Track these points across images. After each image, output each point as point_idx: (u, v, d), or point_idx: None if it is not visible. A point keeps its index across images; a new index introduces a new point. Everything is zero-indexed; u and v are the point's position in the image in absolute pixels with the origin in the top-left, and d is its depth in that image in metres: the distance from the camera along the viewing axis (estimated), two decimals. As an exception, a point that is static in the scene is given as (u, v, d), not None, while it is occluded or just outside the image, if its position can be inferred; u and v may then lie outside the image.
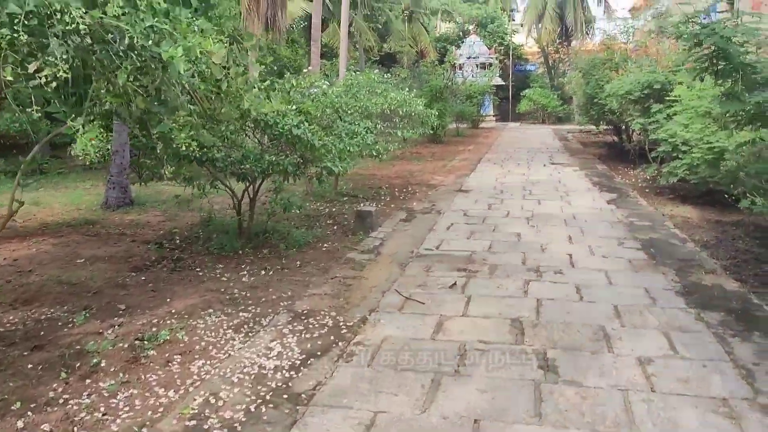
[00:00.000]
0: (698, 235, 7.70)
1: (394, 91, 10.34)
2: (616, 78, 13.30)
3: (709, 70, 5.47)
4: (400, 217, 8.92)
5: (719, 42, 5.02)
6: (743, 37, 5.12)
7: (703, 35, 5.07)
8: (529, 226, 8.17)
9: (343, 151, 6.87)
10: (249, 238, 7.18)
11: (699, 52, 5.46)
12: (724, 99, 5.37)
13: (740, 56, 5.11)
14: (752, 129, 5.74)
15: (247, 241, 7.08)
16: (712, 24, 5.18)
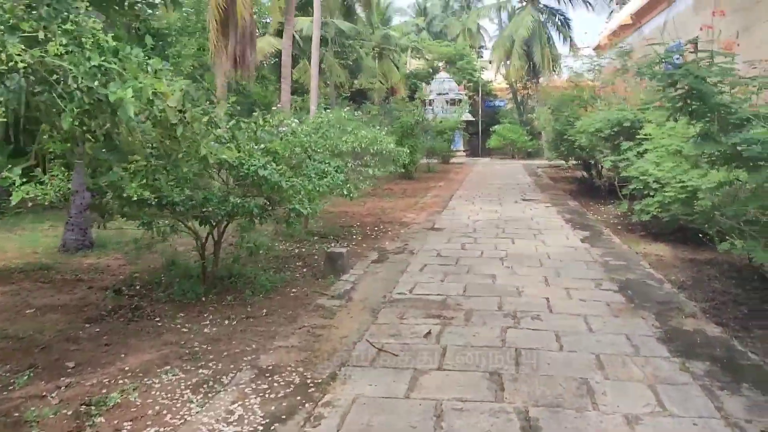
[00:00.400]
0: (674, 275, 7.58)
1: (364, 129, 10.16)
2: (586, 115, 13.36)
3: (683, 110, 5.39)
4: (372, 258, 8.66)
5: (694, 82, 4.93)
6: (717, 77, 5.05)
7: (678, 75, 4.99)
8: (504, 267, 7.97)
9: (312, 191, 6.62)
10: (213, 283, 6.84)
11: (673, 92, 5.38)
12: (699, 140, 5.28)
13: (715, 96, 5.03)
14: (728, 170, 5.65)
15: (212, 287, 6.74)
16: (686, 64, 5.11)
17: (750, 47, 10.97)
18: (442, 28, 55.13)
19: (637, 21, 19.74)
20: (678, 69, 5.06)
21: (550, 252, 8.87)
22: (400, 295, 6.66)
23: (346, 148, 9.36)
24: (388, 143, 9.81)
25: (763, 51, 10.35)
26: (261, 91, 21.02)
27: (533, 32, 34.52)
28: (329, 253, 7.63)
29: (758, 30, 11.06)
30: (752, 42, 11.06)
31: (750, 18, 11.28)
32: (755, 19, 11.11)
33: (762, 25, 10.81)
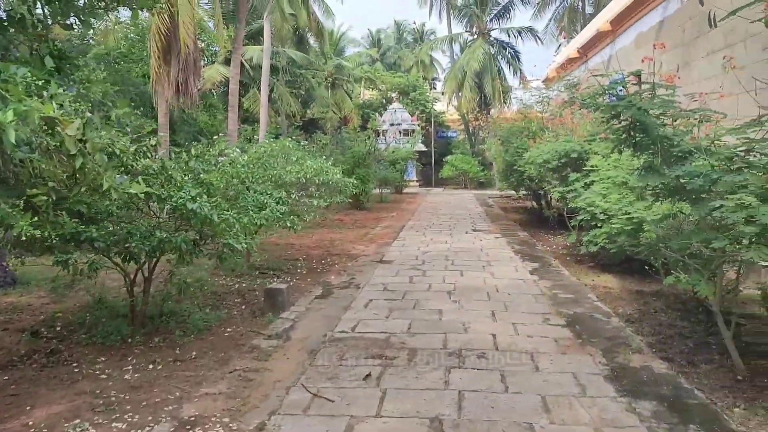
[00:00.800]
0: (621, 307, 7.49)
1: (310, 159, 9.91)
2: (534, 146, 13.43)
3: (626, 143, 5.31)
4: (316, 293, 8.33)
5: (637, 114, 4.86)
6: (660, 109, 4.99)
7: (621, 107, 4.90)
8: (451, 301, 7.75)
9: (248, 225, 6.29)
10: (143, 323, 6.40)
11: (616, 124, 5.30)
12: (643, 172, 5.19)
13: (657, 129, 4.96)
14: (671, 202, 5.58)
15: (141, 327, 6.31)
16: (629, 96, 5.04)
17: (689, 82, 11.22)
18: (396, 59, 55.81)
19: (583, 54, 20.19)
20: (621, 101, 4.98)
21: (498, 285, 8.71)
22: (342, 333, 6.35)
23: (290, 179, 9.07)
24: (334, 174, 9.57)
25: (701, 85, 10.58)
26: (208, 119, 20.60)
27: (484, 65, 35.09)
28: (268, 290, 7.28)
29: (697, 65, 11.33)
30: (692, 77, 11.31)
31: (690, 54, 11.56)
32: (694, 55, 11.38)
33: (700, 60, 11.07)
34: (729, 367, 5.28)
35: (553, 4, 38.93)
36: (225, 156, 8.09)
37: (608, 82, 5.23)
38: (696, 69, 11.26)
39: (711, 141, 4.93)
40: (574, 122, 12.90)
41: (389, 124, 35.85)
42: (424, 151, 37.27)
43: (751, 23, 9.49)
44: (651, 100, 4.97)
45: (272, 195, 7.91)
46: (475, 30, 38.14)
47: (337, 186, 9.93)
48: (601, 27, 17.06)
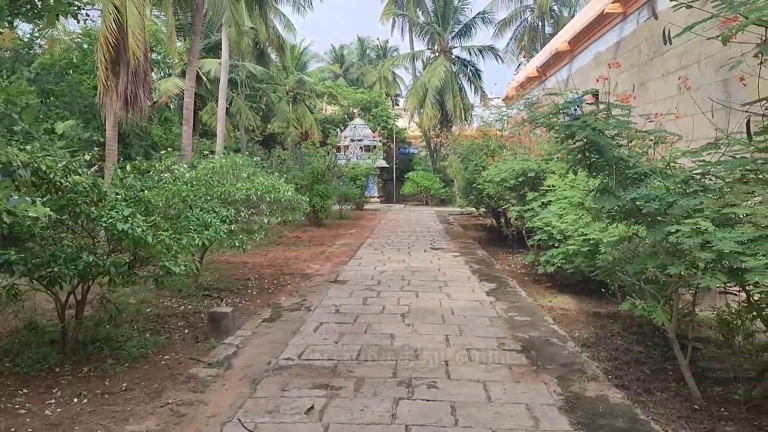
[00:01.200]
0: (578, 330, 7.34)
1: (262, 176, 9.57)
2: (493, 164, 13.34)
3: (581, 163, 5.15)
4: (264, 316, 7.97)
5: (591, 135, 4.70)
6: (615, 129, 4.85)
7: (575, 127, 4.74)
8: (404, 324, 7.48)
9: (188, 246, 5.93)
10: (74, 350, 5.97)
11: (571, 144, 5.15)
12: (598, 194, 5.04)
13: (612, 150, 4.81)
14: (627, 225, 5.45)
15: (71, 355, 5.87)
16: (584, 116, 4.89)
17: (645, 102, 11.26)
18: (358, 75, 55.83)
19: (542, 73, 20.34)
20: (576, 121, 4.83)
21: (454, 307, 8.48)
22: (287, 360, 6.02)
23: (240, 196, 8.72)
24: (286, 191, 9.24)
25: (657, 106, 10.62)
26: (163, 133, 20.00)
27: (446, 82, 35.23)
28: (212, 313, 6.90)
29: (653, 86, 11.39)
30: (648, 97, 11.36)
31: (646, 74, 11.62)
32: (650, 75, 11.45)
33: (656, 81, 11.12)
34: (686, 395, 5.13)
35: (513, 23, 39.54)
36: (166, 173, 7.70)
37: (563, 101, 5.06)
38: (652, 89, 11.32)
39: (666, 163, 4.80)
40: (531, 141, 12.86)
41: (351, 139, 35.66)
42: (385, 167, 37.16)
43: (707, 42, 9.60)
44: (606, 121, 4.83)
45: (219, 213, 7.55)
46: (436, 47, 38.33)
47: (290, 203, 9.60)
48: (560, 47, 17.18)
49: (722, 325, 5.07)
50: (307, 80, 38.64)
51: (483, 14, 38.51)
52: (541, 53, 21.70)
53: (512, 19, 39.33)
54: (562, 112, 5.06)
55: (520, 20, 39.55)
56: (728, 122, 8.91)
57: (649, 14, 11.62)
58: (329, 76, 53.19)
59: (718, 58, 9.15)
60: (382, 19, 40.49)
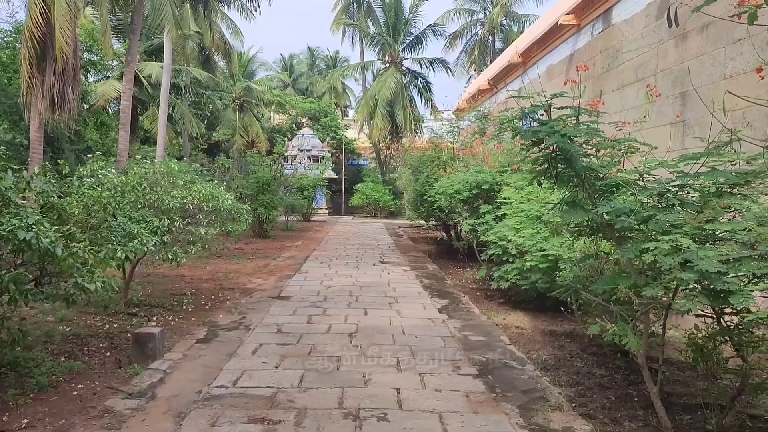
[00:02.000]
0: (536, 352, 6.92)
1: (200, 183, 8.86)
2: (445, 176, 12.95)
3: (547, 173, 4.72)
4: (198, 335, 7.27)
5: (560, 142, 4.27)
6: (585, 136, 4.44)
7: (544, 133, 4.30)
8: (352, 345, 6.91)
9: (106, 261, 5.23)
10: (-28, 377, 5.18)
11: (537, 152, 4.71)
12: (566, 207, 4.61)
13: (581, 159, 4.39)
14: (593, 240, 5.05)
15: (-32, 384, 5.09)
16: (551, 122, 4.46)
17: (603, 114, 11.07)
18: (308, 85, 55.20)
19: (494, 86, 20.20)
20: (544, 126, 4.39)
21: (405, 325, 7.96)
22: (220, 389, 5.36)
23: (175, 205, 8.01)
24: (225, 200, 8.56)
25: (615, 118, 10.41)
26: (98, 138, 18.94)
27: (396, 93, 34.93)
28: (138, 335, 6.17)
29: (607, 99, 11.21)
30: (606, 108, 11.16)
31: (599, 87, 11.45)
32: (605, 88, 11.28)
33: (610, 94, 10.95)
34: (655, 425, 4.74)
35: (464, 37, 39.69)
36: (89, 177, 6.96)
37: (532, 104, 4.62)
38: (607, 103, 11.14)
39: (639, 175, 4.41)
40: (485, 152, 12.52)
41: (299, 149, 34.94)
42: (334, 178, 36.58)
43: (663, 55, 9.47)
44: (576, 127, 4.41)
45: (149, 223, 6.84)
46: (387, 58, 38.04)
47: (230, 213, 8.92)
48: (512, 59, 17.04)
49: (695, 350, 4.69)
50: (254, 88, 37.79)
51: (434, 27, 38.50)
52: (492, 65, 21.61)
53: (463, 33, 39.48)
54: (529, 116, 4.62)
55: (471, 34, 39.74)
56: (684, 136, 8.75)
57: (605, 26, 11.47)
58: (278, 85, 52.37)
59: (676, 71, 8.99)
60: (333, 29, 40.10)
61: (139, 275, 10.99)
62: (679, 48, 8.92)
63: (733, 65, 7.62)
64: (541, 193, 8.12)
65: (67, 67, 10.51)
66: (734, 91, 7.43)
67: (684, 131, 8.64)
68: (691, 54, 8.57)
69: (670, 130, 8.81)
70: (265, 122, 40.60)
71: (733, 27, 7.65)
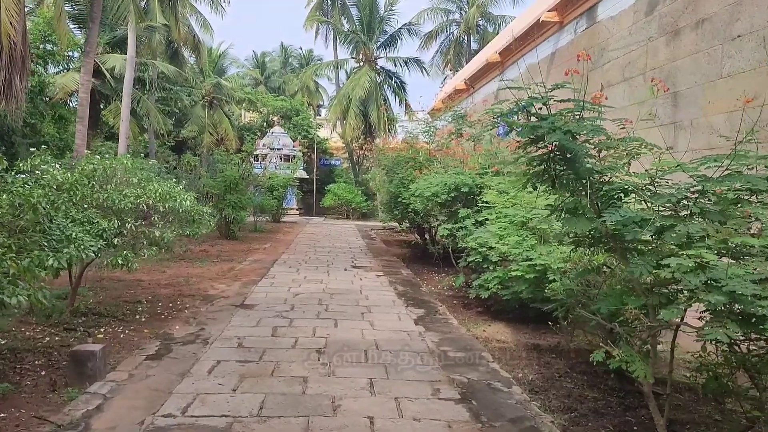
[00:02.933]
0: (521, 370, 6.35)
1: (157, 182, 8.11)
2: (421, 177, 12.35)
3: (544, 176, 4.13)
4: (149, 350, 6.54)
5: (563, 140, 3.68)
6: (590, 134, 3.86)
7: (544, 129, 3.71)
8: (320, 364, 6.24)
9: (31, 270, 4.50)
10: None
11: (533, 151, 4.12)
12: (567, 215, 4.02)
13: (586, 160, 3.81)
14: (593, 252, 4.48)
15: None
16: (551, 117, 3.88)
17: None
18: (280, 84, 54.28)
19: (470, 86, 19.71)
20: (544, 121, 3.80)
21: (379, 339, 7.33)
22: (167, 418, 4.66)
23: (127, 205, 7.25)
24: (183, 200, 7.82)
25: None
26: (55, 132, 17.92)
27: (370, 93, 34.24)
28: (75, 353, 5.42)
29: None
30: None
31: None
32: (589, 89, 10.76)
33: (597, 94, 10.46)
34: (662, 461, 4.19)
35: (439, 36, 39.25)
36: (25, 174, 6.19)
37: (529, 95, 4.03)
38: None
39: (651, 179, 3.84)
40: (464, 153, 11.94)
41: (269, 148, 34.05)
42: (305, 178, 35.76)
43: (653, 53, 9.01)
44: (579, 123, 3.82)
45: (95, 225, 6.10)
46: (361, 57, 37.35)
47: (190, 215, 8.18)
48: (491, 57, 16.55)
49: (710, 378, 4.15)
50: (225, 84, 36.86)
51: (409, 26, 37.93)
52: (470, 64, 21.13)
53: (438, 33, 39.03)
54: (525, 109, 4.03)
55: (447, 34, 39.32)
56: (675, 138, 8.28)
57: (589, 23, 11.00)
58: (250, 83, 51.38)
59: (667, 70, 8.53)
60: (306, 26, 39.32)
61: (91, 279, 10.19)
62: (670, 45, 8.45)
63: (731, 63, 7.16)
64: (526, 198, 7.57)
65: (14, 53, 9.65)
66: (734, 90, 6.99)
67: (676, 133, 8.17)
68: (684, 51, 8.10)
69: (659, 132, 8.34)
70: (235, 120, 39.63)
71: (732, 23, 7.19)
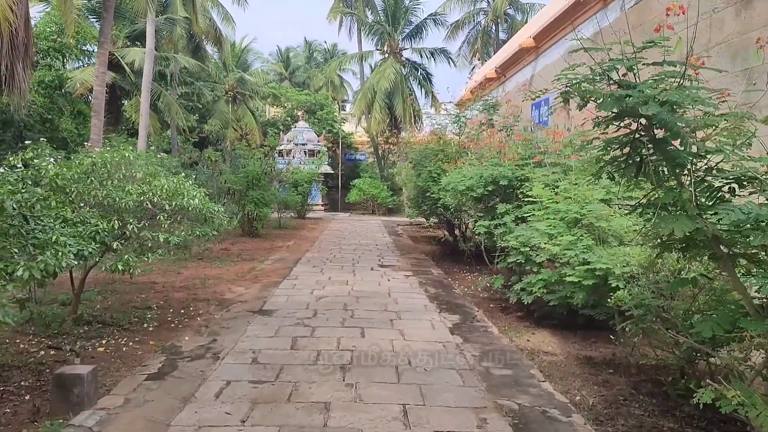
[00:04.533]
0: (578, 392, 5.44)
1: (165, 177, 7.34)
2: (452, 170, 11.45)
3: (629, 162, 3.22)
4: (151, 368, 5.77)
5: (663, 114, 2.77)
6: (693, 105, 2.95)
7: (634, 100, 2.81)
8: (344, 385, 5.40)
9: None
10: None
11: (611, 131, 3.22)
12: (660, 213, 3.11)
13: (689, 143, 2.90)
14: (685, 258, 3.56)
15: None
16: (641, 85, 2.97)
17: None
18: (305, 79, 53.63)
19: (501, 74, 18.70)
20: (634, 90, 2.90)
21: (411, 352, 6.47)
22: (160, 461, 3.87)
23: (129, 203, 6.50)
24: (192, 197, 7.02)
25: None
26: (74, 128, 17.36)
27: (395, 85, 33.30)
28: (60, 377, 4.65)
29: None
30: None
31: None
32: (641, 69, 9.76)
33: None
34: None
35: (466, 26, 38.14)
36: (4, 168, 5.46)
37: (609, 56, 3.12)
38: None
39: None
40: (501, 143, 10.98)
41: (294, 143, 33.35)
42: (330, 173, 35.00)
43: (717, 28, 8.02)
44: (681, 91, 2.91)
45: (87, 226, 5.34)
46: (386, 49, 36.41)
47: (201, 214, 7.39)
48: (524, 42, 15.53)
49: None
50: (248, 79, 36.24)
51: (435, 16, 36.84)
52: (500, 52, 20.12)
53: (465, 22, 37.88)
54: (606, 73, 3.13)
55: (474, 23, 38.16)
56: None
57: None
58: (274, 78, 50.81)
59: (735, 45, 7.51)
60: (330, 18, 38.47)
61: (102, 281, 9.55)
62: (740, 16, 7.43)
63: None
64: (579, 191, 6.64)
65: (15, 40, 8.98)
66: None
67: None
68: (758, 22, 7.08)
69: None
70: (259, 115, 39.02)
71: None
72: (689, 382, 4.94)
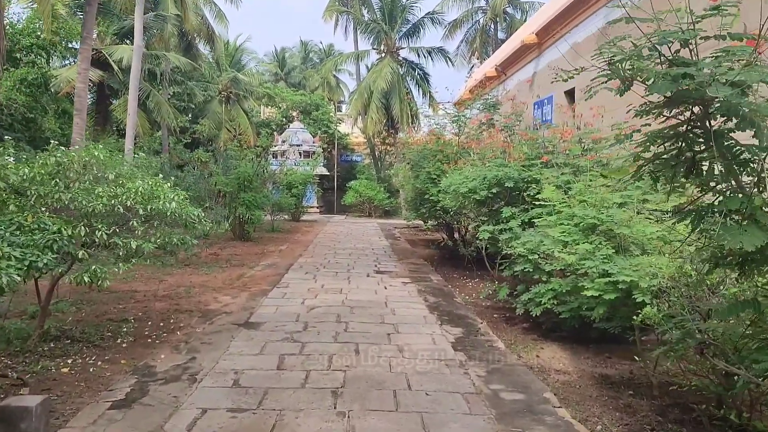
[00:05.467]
0: (598, 420, 4.84)
1: (140, 179, 6.70)
2: (452, 171, 10.83)
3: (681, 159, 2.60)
4: (118, 394, 5.12)
5: (733, 98, 2.16)
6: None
7: (701, 79, 2.20)
8: (335, 413, 4.77)
9: None
10: None
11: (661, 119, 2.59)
12: (729, 222, 2.50)
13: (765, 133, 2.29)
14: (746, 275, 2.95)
15: None
16: (701, 62, 2.36)
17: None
18: (300, 79, 53.06)
19: (502, 72, 18.11)
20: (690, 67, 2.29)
21: (410, 372, 5.85)
22: None
23: (98, 207, 5.87)
24: (169, 200, 6.38)
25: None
26: (57, 127, 16.71)
27: (392, 84, 32.63)
28: (3, 410, 4.01)
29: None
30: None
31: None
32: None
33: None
34: None
35: (464, 25, 37.56)
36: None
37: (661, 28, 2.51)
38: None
39: None
40: (506, 142, 10.35)
41: (288, 144, 32.71)
42: (326, 175, 34.36)
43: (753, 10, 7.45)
44: (750, 71, 2.30)
45: (44, 233, 4.71)
46: (383, 48, 35.74)
47: (180, 218, 6.76)
48: (526, 38, 14.93)
49: None
50: (242, 79, 35.57)
51: (432, 14, 36.16)
52: (501, 49, 19.54)
53: (463, 21, 37.29)
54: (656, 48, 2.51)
55: (472, 22, 37.59)
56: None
57: (652, -13, 9.36)
58: (270, 79, 50.18)
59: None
60: (325, 16, 37.86)
61: (78, 291, 8.87)
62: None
63: None
64: (595, 194, 6.03)
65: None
66: None
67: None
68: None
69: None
70: (254, 116, 38.36)
71: None
72: (728, 412, 4.35)
